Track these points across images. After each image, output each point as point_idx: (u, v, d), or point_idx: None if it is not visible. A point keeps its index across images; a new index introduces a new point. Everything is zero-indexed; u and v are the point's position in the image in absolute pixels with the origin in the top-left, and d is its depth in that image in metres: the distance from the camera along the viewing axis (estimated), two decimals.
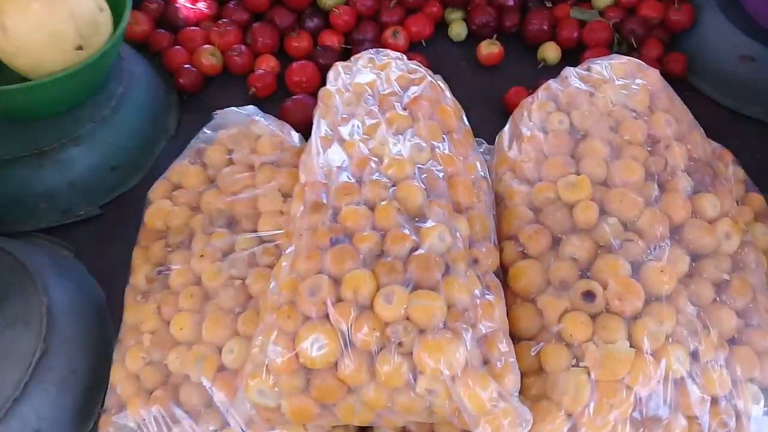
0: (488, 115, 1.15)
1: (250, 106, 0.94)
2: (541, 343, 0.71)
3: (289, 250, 0.75)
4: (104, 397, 0.79)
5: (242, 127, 0.91)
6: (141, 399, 0.77)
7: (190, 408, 0.75)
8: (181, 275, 0.83)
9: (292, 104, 1.10)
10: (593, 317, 0.69)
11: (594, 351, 0.68)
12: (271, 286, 0.74)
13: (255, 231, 0.85)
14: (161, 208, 0.90)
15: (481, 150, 0.98)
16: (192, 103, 1.17)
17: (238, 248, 0.83)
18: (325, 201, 0.74)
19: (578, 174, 0.78)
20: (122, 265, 0.88)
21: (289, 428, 0.72)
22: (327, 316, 0.65)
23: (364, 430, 0.76)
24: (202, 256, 0.83)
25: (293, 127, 0.95)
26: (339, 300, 0.66)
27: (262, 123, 0.91)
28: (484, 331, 0.69)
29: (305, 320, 0.66)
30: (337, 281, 0.66)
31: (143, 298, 0.85)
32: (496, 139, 0.92)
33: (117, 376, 0.79)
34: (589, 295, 0.71)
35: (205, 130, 0.91)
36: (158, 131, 1.15)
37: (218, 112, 0.96)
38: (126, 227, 0.92)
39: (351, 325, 0.64)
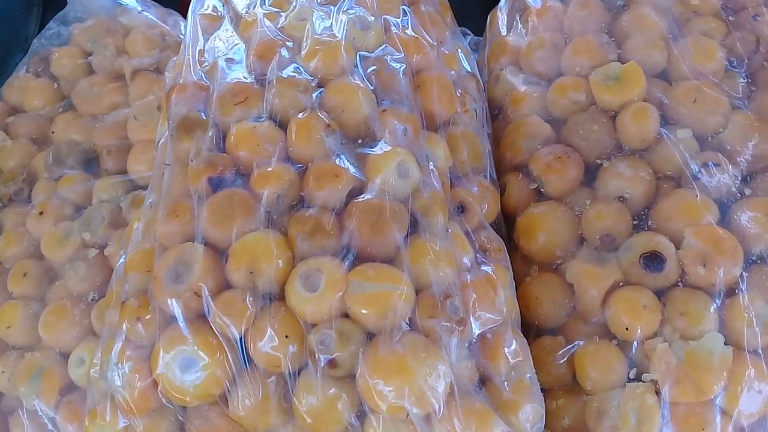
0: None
1: None
2: (577, 342, 0.47)
3: (146, 201, 0.44)
4: None
5: (104, 17, 0.63)
6: None
7: None
8: (12, 243, 0.60)
9: None
10: (662, 295, 0.46)
11: (665, 353, 0.44)
12: (119, 261, 0.44)
13: (123, 172, 0.61)
14: None
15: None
16: None
17: (96, 199, 0.60)
18: (202, 115, 0.44)
19: (622, 62, 0.54)
20: None
21: None
22: (203, 316, 0.41)
23: None
24: (41, 213, 0.60)
25: None
26: (224, 286, 0.41)
27: (134, 10, 0.63)
28: (479, 330, 0.43)
29: (167, 323, 0.41)
30: (220, 253, 0.42)
31: None
32: (488, 20, 0.68)
33: None
34: (654, 259, 0.46)
35: (51, 24, 0.64)
36: (12, 38, 0.87)
37: None
38: None
39: (246, 330, 0.40)
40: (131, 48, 0.66)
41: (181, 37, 0.66)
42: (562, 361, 0.46)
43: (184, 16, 0.74)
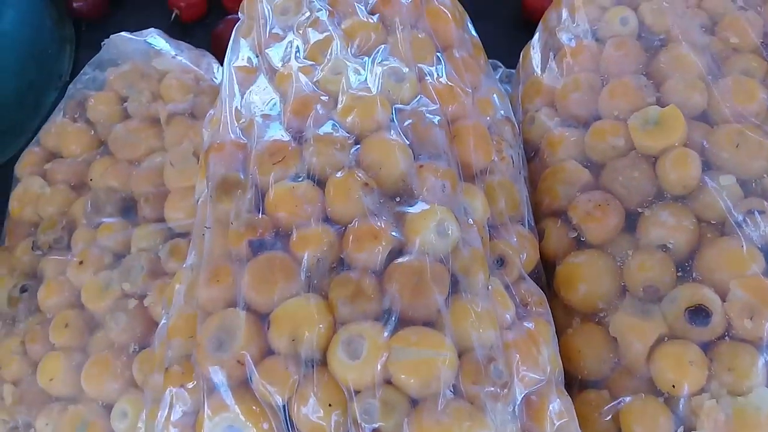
0: (502, 25, 0.83)
1: (151, 29, 0.65)
2: (623, 399, 0.45)
3: (188, 261, 0.44)
4: None
5: (139, 61, 0.62)
6: None
7: None
8: (54, 293, 0.59)
9: (227, 27, 0.79)
10: (708, 349, 0.45)
11: (713, 410, 0.43)
12: (161, 322, 0.45)
13: (161, 219, 0.60)
14: (30, 190, 0.66)
15: (497, 77, 0.66)
16: (94, 35, 0.88)
17: (135, 248, 0.59)
18: (241, 175, 0.44)
19: (661, 105, 0.52)
20: None
21: None
22: (246, 382, 0.40)
23: None
24: (81, 263, 0.59)
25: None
26: (267, 352, 0.41)
27: (168, 54, 0.61)
28: (524, 391, 0.42)
29: (211, 391, 0.40)
30: (262, 318, 0.41)
31: (4, 328, 0.62)
32: (521, 58, 0.66)
33: None
34: (699, 313, 0.45)
35: (87, 69, 0.63)
36: (45, 77, 0.88)
37: (107, 40, 0.65)
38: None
39: (290, 397, 0.39)
40: (165, 93, 0.65)
41: (215, 80, 0.66)
42: (607, 418, 0.45)
43: (215, 54, 0.75)
